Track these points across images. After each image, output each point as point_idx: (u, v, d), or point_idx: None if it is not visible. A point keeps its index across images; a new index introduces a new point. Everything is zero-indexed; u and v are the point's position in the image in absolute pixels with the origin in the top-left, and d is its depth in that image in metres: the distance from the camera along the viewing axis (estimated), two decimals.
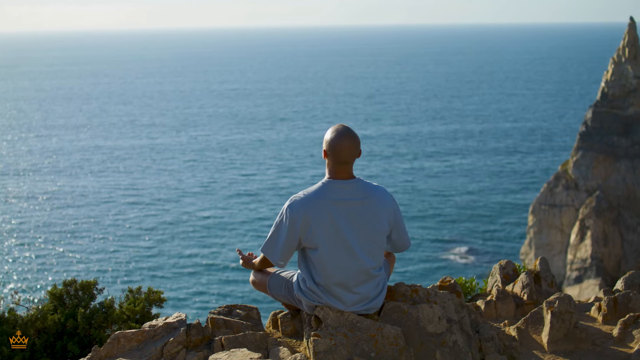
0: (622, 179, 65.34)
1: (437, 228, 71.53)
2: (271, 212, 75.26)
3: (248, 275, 38.61)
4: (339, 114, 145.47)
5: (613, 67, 69.19)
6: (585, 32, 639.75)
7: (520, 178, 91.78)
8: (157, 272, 59.65)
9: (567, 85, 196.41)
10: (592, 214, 62.47)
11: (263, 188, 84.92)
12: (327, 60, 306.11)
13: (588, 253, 61.34)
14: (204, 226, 71.42)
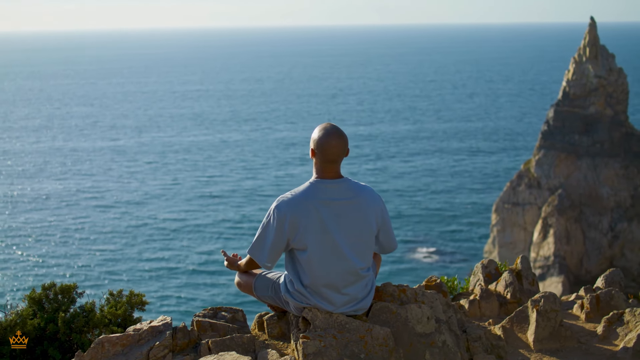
0: (584, 177, 66.06)
1: (402, 228, 71.75)
2: (236, 214, 74.93)
3: (215, 277, 38.27)
4: (302, 114, 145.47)
5: (574, 66, 69.93)
6: (546, 32, 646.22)
7: (483, 178, 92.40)
8: (122, 275, 59.08)
9: (528, 85, 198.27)
10: (555, 212, 63.06)
11: (227, 190, 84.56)
12: (291, 60, 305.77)
13: (551, 251, 61.92)
14: (168, 229, 70.87)
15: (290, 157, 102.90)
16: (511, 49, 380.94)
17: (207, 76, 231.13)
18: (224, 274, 59.34)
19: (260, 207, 77.41)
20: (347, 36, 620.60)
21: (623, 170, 66.15)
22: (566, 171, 66.51)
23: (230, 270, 42.68)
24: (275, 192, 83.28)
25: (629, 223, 63.95)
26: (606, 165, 66.30)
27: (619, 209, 64.87)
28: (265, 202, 79.18)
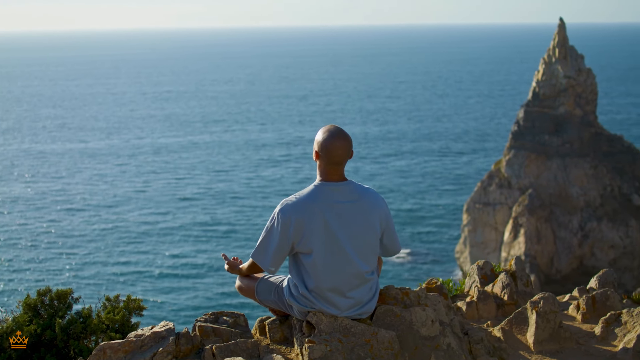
0: (554, 177, 66.56)
1: None
2: (207, 217, 74.53)
3: (188, 281, 37.93)
4: (273, 115, 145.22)
5: (544, 67, 70.44)
6: (516, 33, 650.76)
7: (453, 178, 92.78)
8: (93, 279, 58.54)
9: (498, 85, 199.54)
10: (525, 211, 63.45)
11: (198, 192, 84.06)
12: (261, 61, 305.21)
13: (521, 250, 62.27)
14: (138, 232, 70.32)
15: (261, 158, 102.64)
16: (481, 49, 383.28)
17: (177, 77, 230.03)
18: (198, 277, 59.06)
19: (232, 209, 77.09)
20: (316, 37, 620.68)
21: (592, 170, 66.73)
22: (536, 171, 66.97)
23: (207, 274, 42.12)
24: (246, 194, 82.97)
25: (598, 222, 64.52)
26: (576, 165, 66.85)
27: (588, 209, 65.42)
28: (236, 204, 78.89)
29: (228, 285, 57.11)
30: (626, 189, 66.67)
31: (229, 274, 44.77)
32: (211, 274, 59.76)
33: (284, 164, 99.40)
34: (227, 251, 64.84)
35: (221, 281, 58.07)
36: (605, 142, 68.79)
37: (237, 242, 67.22)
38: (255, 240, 67.44)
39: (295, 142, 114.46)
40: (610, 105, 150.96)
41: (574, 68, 70.02)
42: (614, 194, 66.53)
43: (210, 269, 60.87)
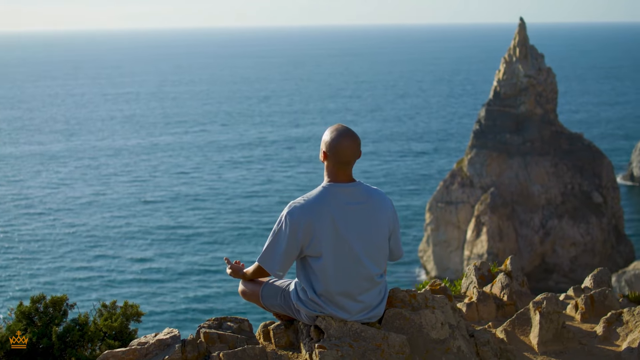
0: (515, 176, 67.10)
1: None
2: (170, 219, 73.90)
3: (151, 285, 37.38)
4: (234, 116, 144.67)
5: (504, 66, 70.98)
6: (476, 33, 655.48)
7: (416, 178, 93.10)
8: (57, 285, 57.66)
9: (459, 85, 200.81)
10: (487, 210, 63.89)
11: (160, 194, 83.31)
12: (223, 62, 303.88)
13: (484, 248, 62.72)
14: (103, 236, 69.41)
15: (223, 160, 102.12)
16: (442, 49, 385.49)
17: (137, 78, 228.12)
18: (163, 282, 58.54)
19: (195, 212, 76.52)
20: (279, 38, 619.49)
21: (553, 168, 67.38)
22: (498, 170, 67.46)
23: (172, 278, 41.71)
24: (209, 196, 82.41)
25: (559, 220, 65.18)
26: (537, 164, 67.45)
27: (549, 206, 66.06)
28: (199, 207, 78.30)
29: (192, 289, 56.72)
30: (586, 186, 67.42)
31: (207, 278, 44.01)
32: (175, 278, 59.29)
33: (246, 165, 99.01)
34: (191, 255, 64.39)
35: (186, 285, 57.65)
36: (566, 141, 69.51)
37: (201, 246, 66.77)
38: (220, 243, 67.07)
39: (257, 143, 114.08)
40: (569, 104, 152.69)
41: (534, 67, 70.66)
42: (575, 191, 67.25)
43: (174, 273, 60.36)
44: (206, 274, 60.23)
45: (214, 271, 60.60)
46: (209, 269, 61.16)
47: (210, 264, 62.28)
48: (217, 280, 58.72)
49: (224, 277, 59.11)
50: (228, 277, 59.22)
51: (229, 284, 58.02)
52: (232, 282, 58.32)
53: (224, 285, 57.48)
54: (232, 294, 55.66)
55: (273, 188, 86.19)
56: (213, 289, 56.77)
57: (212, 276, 59.61)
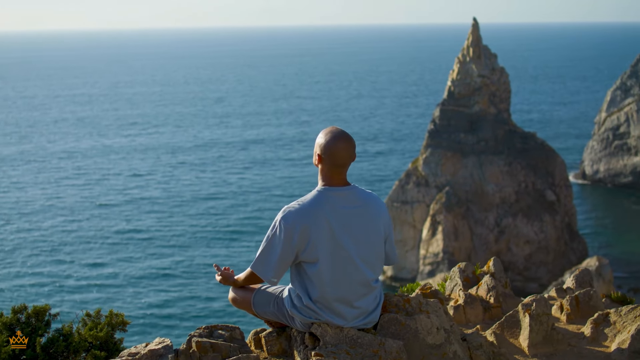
0: (470, 175, 67.56)
1: None
2: (126, 223, 73.00)
3: (113, 291, 36.71)
4: (188, 117, 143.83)
5: (458, 66, 71.48)
6: (429, 33, 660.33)
7: (371, 178, 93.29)
8: (10, 292, 56.61)
9: (413, 85, 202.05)
10: (443, 209, 64.22)
11: (113, 197, 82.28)
12: (177, 63, 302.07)
13: (440, 247, 63.02)
14: (57, 241, 68.27)
15: (177, 162, 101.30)
16: (396, 49, 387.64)
17: (90, 79, 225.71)
18: (120, 287, 57.77)
19: (150, 215, 75.73)
20: (233, 39, 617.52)
21: (507, 167, 67.98)
22: (452, 169, 67.86)
23: (129, 283, 40.92)
24: (164, 198, 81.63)
25: (513, 218, 65.76)
26: (491, 163, 68.00)
27: (504, 205, 66.62)
28: (154, 210, 77.47)
29: (151, 294, 56.03)
30: (540, 185, 68.11)
31: (164, 282, 43.41)
32: (133, 283, 58.55)
33: (200, 167, 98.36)
34: (148, 259, 63.68)
35: (141, 290, 56.94)
36: (519, 140, 70.17)
37: (155, 250, 66.04)
38: (177, 246, 66.41)
39: (211, 145, 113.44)
40: (522, 103, 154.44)
41: (488, 67, 71.24)
42: (528, 190, 67.90)
43: (131, 277, 59.58)
44: (164, 278, 59.57)
45: (172, 275, 59.97)
46: (167, 272, 60.51)
47: (167, 267, 61.65)
48: (175, 284, 58.12)
49: (183, 282, 58.60)
50: (188, 281, 58.69)
51: (188, 287, 57.57)
52: (191, 286, 57.87)
53: (183, 290, 56.96)
54: (191, 298, 55.21)
55: (228, 190, 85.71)
56: (172, 294, 56.15)
57: (170, 280, 58.97)
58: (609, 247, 71.92)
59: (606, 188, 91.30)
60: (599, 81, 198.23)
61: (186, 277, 59.78)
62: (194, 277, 59.80)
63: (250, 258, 64.06)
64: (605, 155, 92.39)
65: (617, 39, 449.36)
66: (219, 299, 55.02)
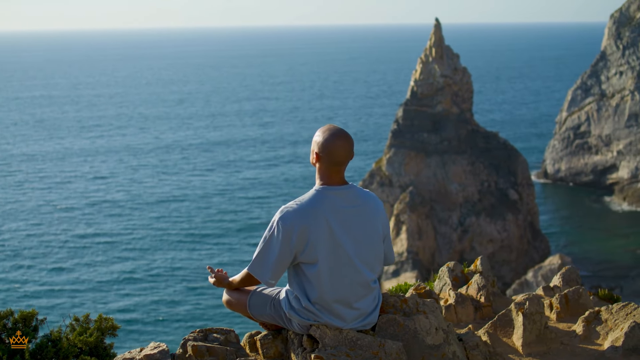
0: (433, 174, 67.81)
1: (260, 237, 70.92)
2: (88, 227, 72.08)
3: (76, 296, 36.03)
4: (151, 118, 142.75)
5: (421, 66, 71.72)
6: (392, 33, 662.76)
7: None
8: None
9: (375, 85, 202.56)
10: (407, 209, 64.34)
11: (75, 202, 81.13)
12: (139, 64, 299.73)
13: (404, 247, 63.10)
14: (17, 245, 67.20)
15: (139, 164, 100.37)
16: (358, 50, 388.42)
17: (51, 81, 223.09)
18: (77, 292, 57.01)
19: (113, 218, 74.85)
20: (195, 39, 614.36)
21: (470, 167, 68.34)
22: (416, 169, 68.06)
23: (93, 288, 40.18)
24: (126, 201, 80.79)
25: (477, 217, 66.11)
26: (454, 162, 68.33)
27: (467, 204, 66.95)
28: (118, 213, 76.63)
29: (113, 299, 55.37)
30: (502, 184, 68.56)
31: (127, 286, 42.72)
32: (96, 287, 57.81)
33: (163, 169, 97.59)
34: (110, 263, 62.93)
35: (106, 295, 56.23)
36: (482, 139, 70.60)
37: (118, 253, 65.30)
38: (140, 250, 65.76)
39: (174, 147, 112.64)
40: (483, 103, 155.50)
41: (450, 67, 71.60)
42: (491, 189, 68.32)
43: (94, 282, 58.82)
44: (127, 282, 58.92)
45: (135, 279, 59.34)
46: (131, 276, 59.86)
47: (131, 271, 60.99)
48: (138, 289, 57.52)
49: (146, 285, 58.01)
50: (151, 285, 58.10)
51: (152, 291, 57.03)
52: (155, 290, 57.33)
53: (145, 294, 56.40)
54: (156, 302, 54.70)
55: (192, 192, 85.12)
56: (135, 298, 55.54)
57: (133, 284, 58.36)
58: (571, 245, 72.65)
59: (568, 187, 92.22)
60: (559, 81, 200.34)
61: (150, 280, 59.22)
62: (158, 280, 59.26)
63: (216, 261, 63.69)
64: (567, 154, 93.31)
65: (577, 39, 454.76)
66: (183, 302, 54.64)
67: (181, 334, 48.69)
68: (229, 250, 66.69)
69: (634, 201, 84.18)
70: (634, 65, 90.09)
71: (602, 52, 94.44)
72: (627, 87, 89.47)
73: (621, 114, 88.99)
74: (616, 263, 64.63)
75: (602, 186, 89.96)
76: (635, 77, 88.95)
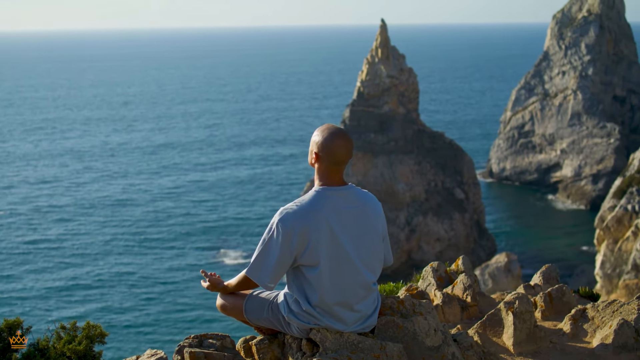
0: (380, 174, 68.07)
1: (209, 240, 70.46)
2: (33, 233, 70.67)
3: (22, 304, 35.11)
4: (95, 121, 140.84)
5: (367, 67, 71.97)
6: (337, 34, 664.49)
7: (282, 181, 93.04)
8: None
9: (321, 86, 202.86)
10: None
11: (18, 207, 79.59)
12: (82, 65, 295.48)
13: None
14: None
15: (84, 167, 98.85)
16: (304, 51, 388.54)
17: None
18: (21, 300, 55.86)
19: (58, 223, 73.46)
20: (139, 40, 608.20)
21: (417, 166, 68.77)
22: (363, 169, 68.26)
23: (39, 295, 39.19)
24: (72, 206, 79.43)
25: (424, 217, 66.54)
26: (401, 162, 68.69)
27: (414, 204, 67.34)
28: (63, 218, 75.29)
29: (61, 307, 54.37)
30: (449, 183, 69.14)
31: (76, 293, 41.82)
32: (42, 295, 56.68)
33: (108, 172, 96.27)
34: (57, 270, 61.77)
35: (51, 303, 55.14)
36: (428, 139, 71.09)
37: (65, 259, 64.09)
38: (87, 255, 64.71)
39: (119, 149, 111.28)
40: (429, 103, 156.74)
41: (396, 68, 71.97)
42: (438, 188, 68.85)
43: (37, 289, 57.66)
44: (74, 289, 57.89)
45: (82, 286, 58.33)
46: (77, 283, 58.83)
47: (77, 277, 59.94)
48: (86, 295, 56.58)
49: (93, 292, 57.12)
50: (100, 291, 57.22)
51: (104, 297, 56.23)
52: (107, 296, 56.52)
53: (93, 300, 55.54)
54: (104, 309, 53.91)
55: (139, 196, 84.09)
56: (83, 305, 54.54)
57: (80, 291, 57.38)
58: (517, 243, 73.54)
59: (513, 185, 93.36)
60: (503, 81, 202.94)
61: (97, 286, 58.32)
62: (105, 286, 58.42)
63: (166, 266, 63.09)
64: (511, 154, 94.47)
65: (520, 39, 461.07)
66: (132, 308, 53.97)
67: (132, 340, 48.17)
68: (179, 256, 66.08)
69: (577, 199, 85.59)
70: (576, 65, 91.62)
71: (545, 53, 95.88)
72: (570, 87, 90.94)
73: (564, 113, 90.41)
74: (561, 260, 65.53)
75: (546, 184, 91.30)
76: (578, 76, 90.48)
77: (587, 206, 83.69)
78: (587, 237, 67.55)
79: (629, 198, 51.40)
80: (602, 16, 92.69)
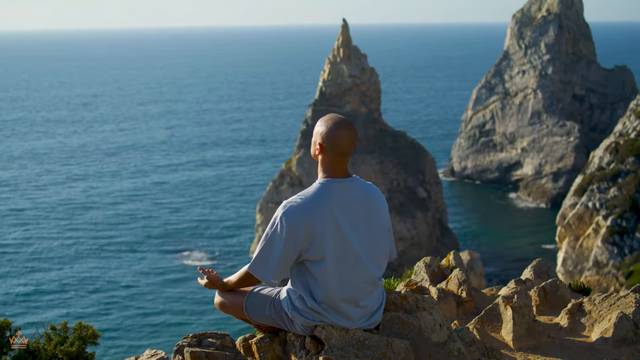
0: None
1: (172, 242, 69.99)
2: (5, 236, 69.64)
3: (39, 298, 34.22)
4: (54, 122, 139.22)
5: (329, 67, 72.01)
6: (297, 34, 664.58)
7: (244, 181, 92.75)
8: None
9: (282, 86, 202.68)
10: None
11: None
12: (40, 66, 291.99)
13: None
14: None
15: (43, 170, 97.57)
16: (264, 51, 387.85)
17: None
18: None
19: (16, 228, 72.32)
20: (99, 41, 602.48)
21: (379, 165, 68.88)
22: None
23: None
24: (31, 209, 78.25)
25: None
26: (363, 161, 68.75)
27: None
28: (21, 222, 74.18)
29: (20, 314, 53.54)
30: (411, 182, 69.33)
31: (37, 298, 41.22)
32: (4, 300, 55.79)
33: (67, 174, 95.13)
34: (16, 275, 60.79)
35: (9, 310, 54.25)
36: (390, 139, 71.25)
37: (25, 265, 63.11)
38: (48, 260, 63.79)
39: (79, 151, 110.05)
40: (391, 103, 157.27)
41: (358, 67, 72.07)
42: (400, 187, 69.01)
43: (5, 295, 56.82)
44: (34, 294, 57.02)
45: (43, 291, 57.46)
46: (37, 289, 57.95)
47: (38, 283, 59.05)
48: (47, 301, 55.80)
49: (54, 297, 56.33)
50: (61, 297, 56.44)
51: (65, 303, 55.50)
52: (68, 302, 55.80)
53: (54, 306, 54.79)
54: (66, 316, 53.19)
55: (100, 200, 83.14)
56: (44, 311, 53.73)
57: (41, 296, 56.54)
58: (479, 241, 74.03)
59: (474, 184, 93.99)
60: (464, 80, 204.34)
61: (58, 291, 57.54)
62: (67, 291, 57.69)
63: (129, 269, 62.49)
64: (473, 152, 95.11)
65: (481, 39, 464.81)
66: (95, 314, 53.34)
67: (101, 346, 47.45)
68: (142, 259, 65.51)
69: (538, 197, 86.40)
70: (535, 64, 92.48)
71: (505, 52, 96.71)
72: (530, 86, 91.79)
73: (524, 112, 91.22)
74: (523, 258, 66.04)
75: (507, 183, 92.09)
76: (537, 75, 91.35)
77: (547, 204, 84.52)
78: (549, 235, 68.12)
79: (589, 195, 51.90)
80: (561, 16, 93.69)
